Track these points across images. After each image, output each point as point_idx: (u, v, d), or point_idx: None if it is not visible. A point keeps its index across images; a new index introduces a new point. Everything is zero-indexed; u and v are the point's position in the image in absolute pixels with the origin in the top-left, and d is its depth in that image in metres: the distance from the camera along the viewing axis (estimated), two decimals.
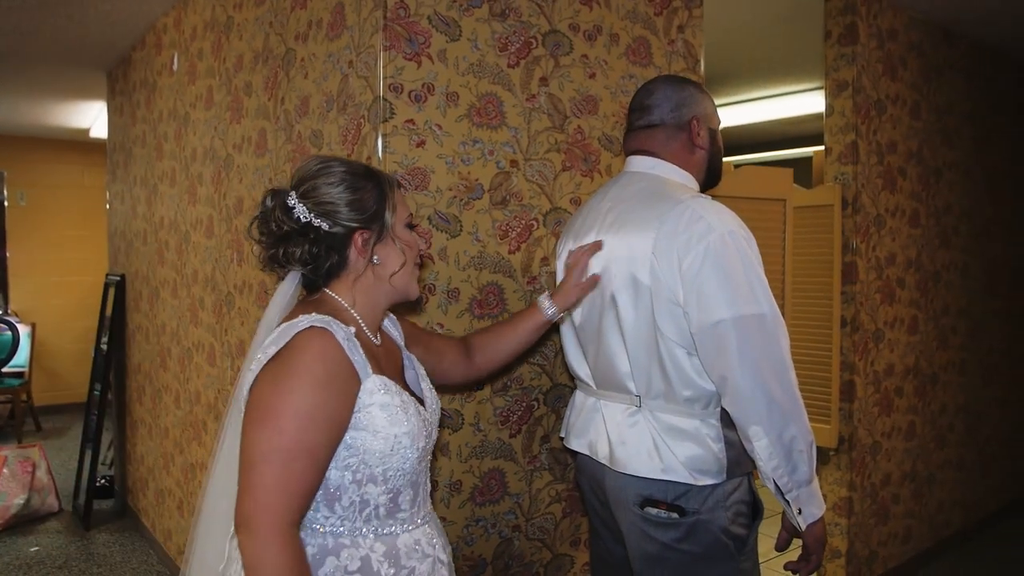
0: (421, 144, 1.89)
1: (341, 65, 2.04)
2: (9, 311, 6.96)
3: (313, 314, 1.19)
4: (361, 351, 1.21)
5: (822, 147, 3.53)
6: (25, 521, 4.32)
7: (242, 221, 2.75)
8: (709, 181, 1.78)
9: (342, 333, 1.18)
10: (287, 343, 1.15)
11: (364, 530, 1.23)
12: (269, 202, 1.27)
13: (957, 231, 4.03)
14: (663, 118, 1.70)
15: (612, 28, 2.22)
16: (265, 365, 1.15)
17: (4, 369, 6.26)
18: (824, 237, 3.38)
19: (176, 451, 3.58)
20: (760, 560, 1.77)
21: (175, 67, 3.53)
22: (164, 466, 3.78)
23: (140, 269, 4.22)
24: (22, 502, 4.27)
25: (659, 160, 1.70)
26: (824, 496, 3.43)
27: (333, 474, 1.20)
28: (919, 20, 3.71)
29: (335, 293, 1.30)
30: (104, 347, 4.60)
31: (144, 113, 4.10)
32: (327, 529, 1.22)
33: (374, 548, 1.23)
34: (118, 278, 4.55)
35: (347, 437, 1.20)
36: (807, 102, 5.39)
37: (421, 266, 1.45)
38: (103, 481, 4.78)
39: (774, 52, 4.43)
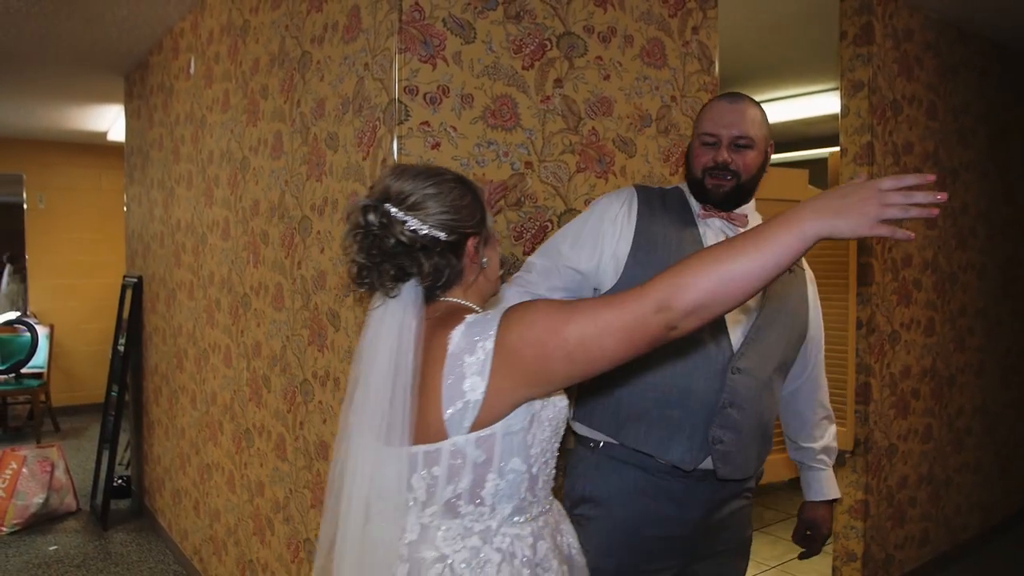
0: (436, 146, 1.90)
1: (357, 68, 2.05)
2: (28, 313, 7.03)
3: (476, 314, 1.21)
4: None
5: (837, 148, 3.51)
6: (44, 520, 4.37)
7: (258, 223, 2.77)
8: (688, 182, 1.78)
9: None
10: (498, 332, 1.14)
11: (546, 504, 1.29)
12: (375, 218, 1.20)
13: (974, 232, 4.00)
14: None
15: (626, 30, 2.22)
16: (498, 354, 1.13)
17: (23, 370, 6.32)
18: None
19: (192, 452, 3.61)
20: (775, 564, 1.79)
21: (192, 71, 3.56)
22: (180, 466, 3.81)
23: (157, 271, 4.25)
24: (41, 501, 4.31)
25: None
26: (840, 499, 3.43)
27: (535, 453, 1.21)
28: (934, 19, 3.69)
29: (452, 297, 1.28)
30: (121, 348, 4.64)
31: (161, 116, 4.14)
32: (535, 513, 1.26)
33: (551, 522, 1.30)
34: (135, 280, 4.59)
35: (544, 417, 1.21)
36: (822, 103, 5.36)
37: None
38: (120, 481, 4.82)
39: (789, 53, 4.41)
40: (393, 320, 1.20)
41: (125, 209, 5.12)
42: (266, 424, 2.73)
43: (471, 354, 1.14)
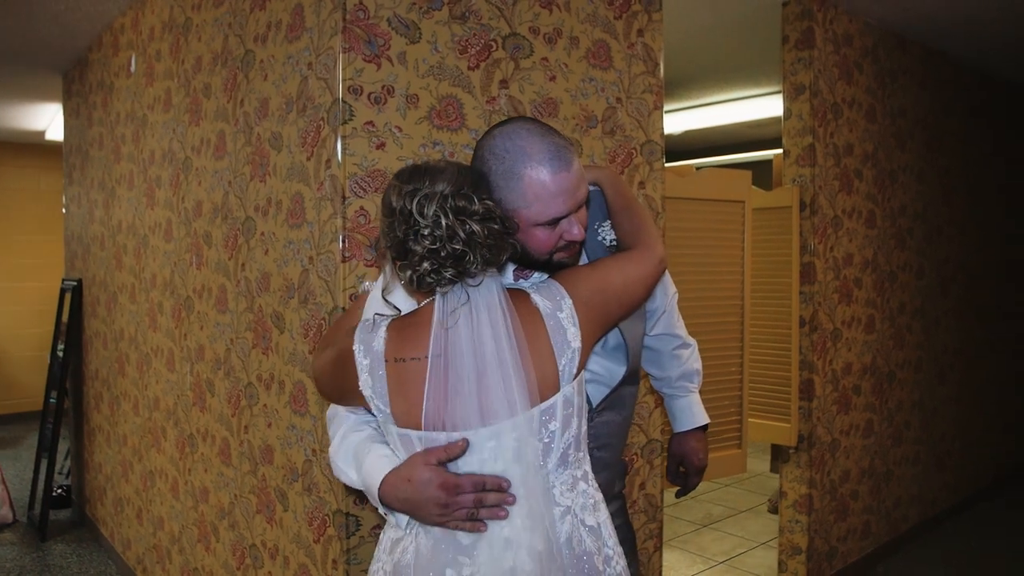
0: (381, 146, 1.88)
1: (300, 67, 2.03)
2: None
3: (525, 280, 1.40)
4: None
5: (781, 150, 3.58)
6: None
7: (201, 224, 2.72)
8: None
9: None
10: (565, 288, 1.30)
11: None
12: (478, 204, 1.21)
13: (912, 232, 4.12)
14: None
15: (572, 31, 2.24)
16: (576, 305, 1.29)
17: None
18: (783, 238, 3.44)
19: (135, 459, 3.52)
20: (723, 559, 1.79)
21: (132, 69, 3.48)
22: (123, 474, 3.71)
23: (97, 274, 4.14)
24: None
25: None
26: (783, 493, 3.51)
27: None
28: (873, 26, 3.79)
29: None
30: (60, 354, 4.51)
31: (101, 115, 4.03)
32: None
33: None
34: (75, 283, 4.46)
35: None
36: (766, 105, 5.47)
37: None
38: (60, 490, 4.68)
39: (733, 56, 4.49)
40: (486, 305, 1.24)
41: (64, 210, 4.98)
42: (210, 429, 2.68)
43: (560, 311, 1.28)
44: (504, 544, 1.22)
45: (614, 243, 1.54)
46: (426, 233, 1.18)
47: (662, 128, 2.50)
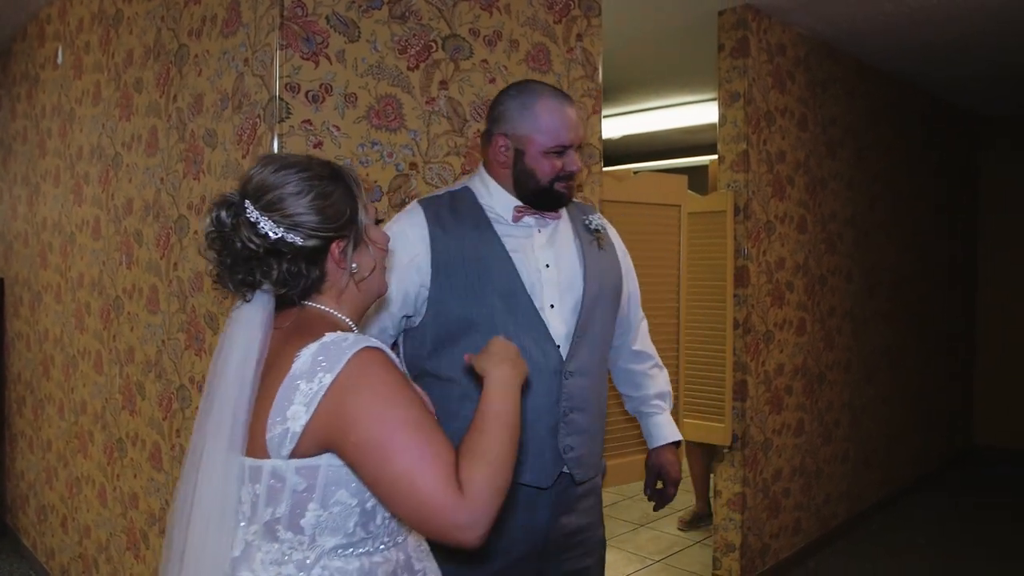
0: (318, 145, 1.86)
1: (236, 63, 1.99)
2: None
3: (337, 332, 1.09)
4: None
5: (716, 156, 3.66)
6: None
7: (131, 222, 2.64)
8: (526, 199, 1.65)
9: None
10: (343, 370, 1.05)
11: (389, 542, 1.17)
12: (226, 216, 1.10)
13: (841, 237, 4.25)
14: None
15: (512, 34, 2.25)
16: (329, 397, 1.05)
17: None
18: (717, 242, 3.51)
19: (60, 465, 3.40)
20: (659, 557, 1.81)
21: (59, 61, 3.37)
22: (47, 481, 3.58)
23: (21, 272, 3.99)
24: None
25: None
26: (718, 492, 3.58)
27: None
28: (805, 36, 3.90)
29: (319, 304, 1.17)
30: None
31: (25, 108, 3.89)
32: (369, 550, 1.13)
33: (398, 560, 1.18)
34: None
35: None
36: (703, 112, 5.58)
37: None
38: None
39: (671, 63, 4.56)
40: (243, 327, 1.12)
41: None
42: (140, 433, 2.60)
43: (308, 381, 1.06)
44: None
45: (599, 228, 1.73)
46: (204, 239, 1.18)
47: (600, 132, 2.53)
